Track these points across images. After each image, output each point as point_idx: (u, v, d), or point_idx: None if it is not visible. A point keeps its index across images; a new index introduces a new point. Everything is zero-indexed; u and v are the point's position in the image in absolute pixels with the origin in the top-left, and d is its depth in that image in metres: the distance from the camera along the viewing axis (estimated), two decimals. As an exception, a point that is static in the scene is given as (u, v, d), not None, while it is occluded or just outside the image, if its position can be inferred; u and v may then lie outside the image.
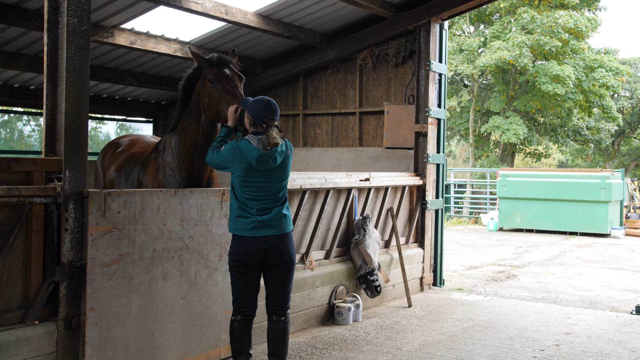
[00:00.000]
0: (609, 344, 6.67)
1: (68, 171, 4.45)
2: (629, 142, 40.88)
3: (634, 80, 37.85)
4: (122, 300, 4.61)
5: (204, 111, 5.20)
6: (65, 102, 4.48)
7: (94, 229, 4.42)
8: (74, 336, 4.45)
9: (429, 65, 9.31)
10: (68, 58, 4.48)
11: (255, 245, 4.63)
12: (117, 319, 4.57)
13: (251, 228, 4.63)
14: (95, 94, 12.22)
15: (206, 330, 5.31)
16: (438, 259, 9.71)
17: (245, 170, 4.62)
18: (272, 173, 4.69)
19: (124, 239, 4.61)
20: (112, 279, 4.54)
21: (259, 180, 4.64)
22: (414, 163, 9.46)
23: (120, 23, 8.89)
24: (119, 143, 6.42)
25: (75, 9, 4.51)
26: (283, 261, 4.76)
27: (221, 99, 5.04)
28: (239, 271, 4.69)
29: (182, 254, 5.07)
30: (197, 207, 5.19)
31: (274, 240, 4.68)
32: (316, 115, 11.17)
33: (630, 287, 10.29)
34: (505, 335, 6.92)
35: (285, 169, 4.79)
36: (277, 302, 4.84)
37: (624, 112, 38.57)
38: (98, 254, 4.45)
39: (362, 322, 7.35)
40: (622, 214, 19.42)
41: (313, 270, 7.16)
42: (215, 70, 5.13)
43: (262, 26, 9.24)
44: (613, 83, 27.24)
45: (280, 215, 4.73)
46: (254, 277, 4.75)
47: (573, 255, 14.11)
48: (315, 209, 7.39)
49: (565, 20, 25.71)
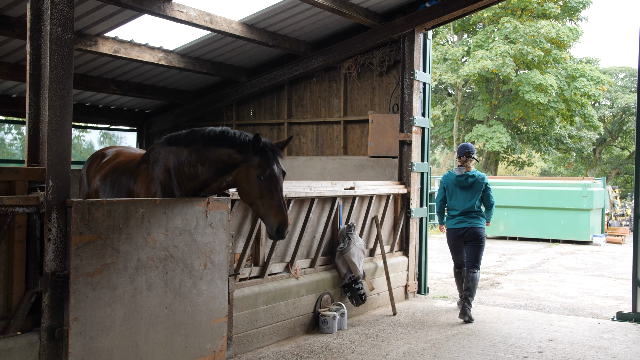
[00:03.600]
0: (591, 350, 6.73)
1: (51, 180, 4.41)
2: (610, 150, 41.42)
3: (614, 89, 38.38)
4: (106, 310, 4.57)
5: (235, 183, 5.07)
6: (48, 111, 4.45)
7: (77, 238, 4.39)
8: (57, 347, 4.40)
9: (413, 75, 9.38)
10: (51, 67, 4.46)
11: (458, 232, 8.20)
12: (100, 329, 4.53)
13: (455, 223, 8.23)
14: (79, 102, 12.14)
15: (191, 339, 5.28)
16: (422, 267, 9.74)
17: (449, 188, 8.42)
18: (467, 189, 8.24)
19: (107, 248, 4.58)
20: (95, 289, 4.50)
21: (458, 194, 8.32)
22: (398, 172, 9.50)
23: (104, 31, 8.87)
24: (105, 153, 6.40)
25: (59, 18, 4.49)
26: (475, 239, 8.15)
27: (264, 199, 4.89)
28: (452, 245, 8.40)
29: (166, 264, 5.04)
30: (182, 217, 5.17)
31: (469, 229, 8.15)
32: (301, 124, 11.19)
33: (612, 294, 10.39)
34: (489, 342, 6.96)
35: (475, 188, 8.24)
36: (470, 263, 8.16)
37: (604, 120, 39.09)
38: (82, 264, 4.41)
39: (347, 331, 7.35)
40: (603, 221, 19.64)
41: (298, 279, 7.16)
42: (267, 165, 4.93)
43: (247, 35, 9.25)
44: (594, 92, 27.60)
45: (473, 215, 8.20)
46: (459, 248, 8.34)
47: (556, 262, 14.23)
48: (300, 217, 7.39)
49: (547, 30, 26.04)
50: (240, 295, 6.30)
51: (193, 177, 5.15)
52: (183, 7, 8.20)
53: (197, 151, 5.10)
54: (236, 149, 5.00)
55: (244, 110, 11.93)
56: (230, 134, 5.06)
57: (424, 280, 9.75)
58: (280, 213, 4.86)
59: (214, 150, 5.05)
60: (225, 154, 5.02)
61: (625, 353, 6.65)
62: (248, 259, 6.68)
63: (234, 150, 5.00)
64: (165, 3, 7.96)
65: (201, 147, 5.09)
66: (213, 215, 5.40)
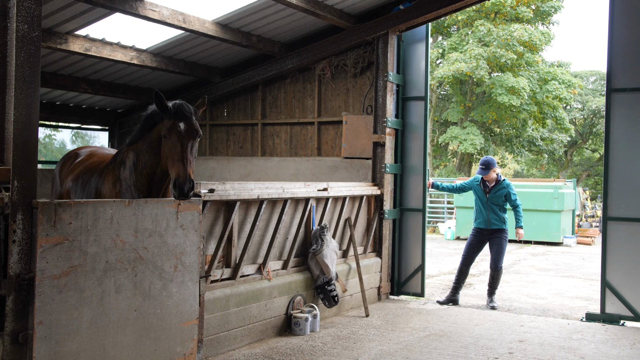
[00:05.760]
0: (560, 351, 6.81)
1: (17, 181, 4.32)
2: (581, 152, 42.04)
3: (585, 92, 38.98)
4: (72, 313, 4.49)
5: None
6: (14, 110, 4.35)
7: (43, 240, 4.30)
8: (21, 351, 4.31)
9: (386, 76, 9.40)
10: (17, 65, 4.36)
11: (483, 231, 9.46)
12: (67, 333, 4.45)
13: (478, 222, 9.47)
14: (49, 101, 11.95)
15: (160, 342, 5.21)
16: (396, 269, 9.77)
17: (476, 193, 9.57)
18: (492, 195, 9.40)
19: (75, 250, 4.50)
20: (62, 292, 4.42)
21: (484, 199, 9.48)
22: (372, 173, 9.52)
23: (74, 29, 8.73)
24: (78, 154, 6.34)
25: (25, 15, 4.39)
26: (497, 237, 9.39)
27: (169, 156, 4.85)
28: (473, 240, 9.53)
29: (136, 265, 4.97)
30: (152, 218, 5.11)
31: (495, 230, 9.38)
32: (275, 125, 11.16)
33: (581, 295, 10.54)
34: (461, 343, 7.00)
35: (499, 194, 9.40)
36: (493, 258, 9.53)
37: (576, 123, 39.68)
38: (48, 266, 4.33)
39: (319, 332, 7.33)
40: (574, 222, 19.92)
41: (270, 280, 7.12)
42: (171, 123, 4.89)
43: (221, 35, 9.19)
44: (565, 95, 27.97)
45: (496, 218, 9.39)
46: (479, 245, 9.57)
47: (527, 263, 14.39)
48: (273, 219, 7.36)
49: (520, 34, 26.32)
50: (211, 298, 6.25)
51: (144, 166, 5.18)
52: (156, 6, 8.11)
53: (146, 139, 5.18)
54: (159, 120, 5.07)
55: (218, 110, 11.85)
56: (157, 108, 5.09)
57: (397, 282, 9.79)
58: (178, 166, 4.74)
59: (151, 130, 5.15)
60: (156, 129, 5.11)
61: (593, 353, 6.74)
62: (220, 260, 6.63)
63: (160, 122, 5.06)
64: (138, 2, 7.87)
65: (147, 132, 5.18)
66: (184, 216, 5.35)
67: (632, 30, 8.37)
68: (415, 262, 9.70)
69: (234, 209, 6.56)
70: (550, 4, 28.51)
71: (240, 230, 6.91)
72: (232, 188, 6.45)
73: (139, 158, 5.22)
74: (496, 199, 9.37)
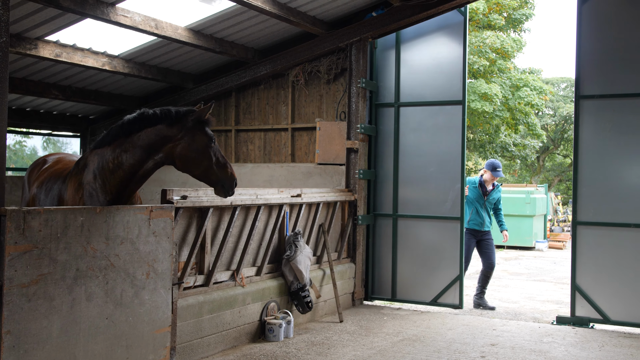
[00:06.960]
0: (531, 354, 6.90)
1: (-16, 188, 4.27)
2: (552, 158, 42.68)
3: (556, 99, 39.62)
4: (42, 322, 4.43)
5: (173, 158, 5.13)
6: (-18, 116, 4.31)
7: (11, 248, 4.24)
8: (-11, 361, 4.25)
9: (360, 83, 9.47)
10: (-15, 71, 4.32)
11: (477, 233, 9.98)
12: (36, 342, 4.39)
13: (475, 224, 9.91)
14: (18, 107, 11.78)
15: (132, 350, 5.17)
16: (370, 274, 9.82)
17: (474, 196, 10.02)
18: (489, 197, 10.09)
19: (44, 258, 4.45)
20: (31, 300, 4.36)
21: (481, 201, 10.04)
22: (345, 179, 9.57)
23: (44, 35, 8.63)
24: (46, 160, 6.29)
25: (-6, 21, 4.35)
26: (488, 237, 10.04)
27: (218, 163, 5.21)
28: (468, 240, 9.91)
29: (107, 273, 4.93)
30: (124, 225, 5.07)
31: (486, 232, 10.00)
32: (248, 131, 11.15)
33: (552, 298, 10.70)
34: (434, 348, 7.06)
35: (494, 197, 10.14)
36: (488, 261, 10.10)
37: (547, 129, 40.28)
38: (16, 275, 4.27)
39: (293, 339, 7.33)
40: (546, 227, 20.20)
41: (244, 287, 7.11)
42: (211, 133, 5.24)
43: (194, 41, 9.17)
44: (537, 102, 28.37)
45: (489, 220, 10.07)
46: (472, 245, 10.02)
47: (500, 268, 14.55)
48: (246, 225, 7.35)
49: (492, 41, 26.67)
50: (184, 305, 6.21)
51: (117, 167, 5.10)
52: (127, 12, 8.06)
53: (121, 144, 5.10)
54: (165, 123, 5.07)
55: (192, 116, 11.78)
56: (150, 112, 5.13)
57: (371, 287, 9.82)
58: (232, 171, 5.33)
59: (139, 133, 5.08)
60: (153, 133, 5.06)
61: (563, 356, 6.84)
62: (193, 267, 6.60)
63: (164, 125, 5.07)
64: (109, 7, 7.82)
65: (124, 137, 5.10)
66: (156, 223, 5.32)
67: (598, 39, 8.55)
68: (389, 267, 9.75)
69: (206, 216, 6.53)
70: (521, 11, 28.95)
71: (214, 237, 6.88)
72: (205, 194, 6.43)
73: (109, 160, 5.12)
74: (492, 201, 10.09)
